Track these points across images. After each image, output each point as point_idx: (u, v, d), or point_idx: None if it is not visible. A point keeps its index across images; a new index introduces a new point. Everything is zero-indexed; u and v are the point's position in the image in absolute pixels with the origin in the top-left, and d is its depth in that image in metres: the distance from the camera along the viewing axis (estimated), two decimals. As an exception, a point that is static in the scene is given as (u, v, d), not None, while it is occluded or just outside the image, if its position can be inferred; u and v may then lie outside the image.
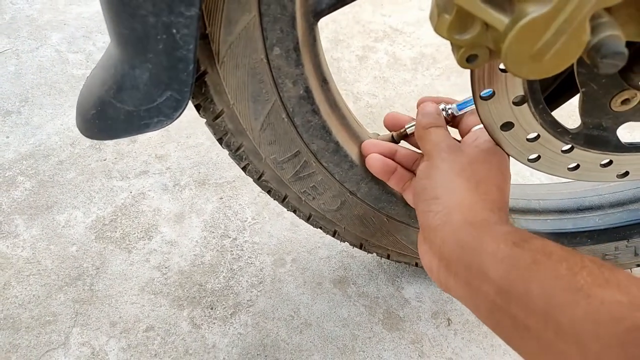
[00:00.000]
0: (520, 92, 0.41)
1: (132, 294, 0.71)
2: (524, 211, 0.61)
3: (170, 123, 0.38)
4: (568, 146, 0.45)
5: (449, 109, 0.52)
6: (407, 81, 1.08)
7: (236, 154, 0.50)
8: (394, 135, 0.55)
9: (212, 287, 0.72)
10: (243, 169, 0.52)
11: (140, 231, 0.78)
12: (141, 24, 0.34)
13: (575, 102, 0.44)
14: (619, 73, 0.38)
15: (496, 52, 0.32)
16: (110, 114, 0.39)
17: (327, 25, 1.21)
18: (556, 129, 0.43)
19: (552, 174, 0.48)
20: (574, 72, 0.40)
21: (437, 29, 0.32)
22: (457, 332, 0.69)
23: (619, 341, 0.28)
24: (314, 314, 0.70)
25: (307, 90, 0.44)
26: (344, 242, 0.63)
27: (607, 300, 0.30)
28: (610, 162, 0.46)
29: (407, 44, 1.18)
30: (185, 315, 0.69)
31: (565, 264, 0.33)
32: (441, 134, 0.48)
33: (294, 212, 0.58)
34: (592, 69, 0.38)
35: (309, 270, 0.75)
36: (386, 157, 0.52)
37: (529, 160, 0.47)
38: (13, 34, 1.14)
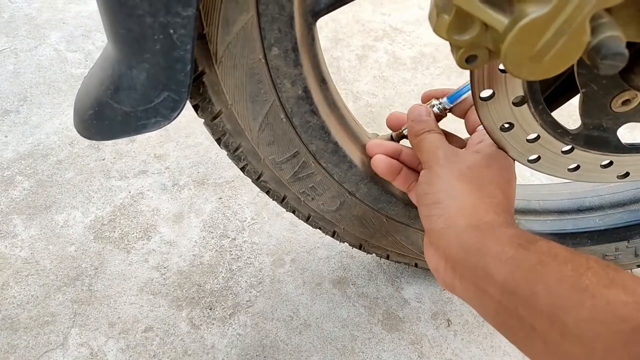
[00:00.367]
0: (520, 92, 0.41)
1: (131, 294, 0.71)
2: (524, 212, 0.61)
3: (168, 123, 0.38)
4: (568, 147, 0.45)
5: (439, 104, 0.51)
6: (407, 80, 1.08)
7: (235, 155, 0.49)
8: (393, 135, 0.54)
9: (211, 287, 0.72)
10: (242, 169, 0.52)
11: (139, 231, 0.78)
12: (138, 24, 0.33)
13: (575, 102, 0.44)
14: (619, 74, 0.38)
15: (496, 52, 0.32)
16: (107, 114, 0.38)
17: (327, 24, 1.20)
18: (556, 129, 0.43)
19: (553, 175, 0.48)
20: (574, 73, 0.39)
21: (436, 30, 0.32)
22: (457, 333, 0.69)
23: (624, 341, 0.28)
24: (313, 315, 0.70)
25: (306, 91, 0.44)
26: (343, 242, 0.63)
27: (612, 301, 0.30)
28: (611, 163, 0.46)
29: (406, 43, 1.18)
30: (184, 316, 0.69)
31: (570, 264, 0.33)
32: (434, 140, 0.48)
33: (293, 212, 0.58)
34: (593, 70, 0.38)
35: (308, 271, 0.75)
36: (391, 158, 0.51)
37: (529, 161, 0.46)
38: (12, 33, 1.13)
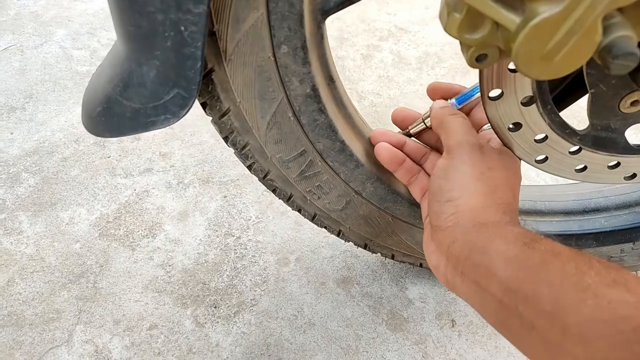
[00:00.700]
0: (529, 92, 0.41)
1: (136, 291, 0.71)
2: (530, 212, 0.61)
3: (177, 121, 0.38)
4: (576, 147, 0.44)
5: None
6: (412, 80, 1.08)
7: (242, 153, 0.50)
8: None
9: (216, 285, 0.72)
10: (248, 167, 0.52)
11: (144, 229, 0.78)
12: (149, 21, 0.33)
13: (582, 102, 0.44)
14: (628, 74, 0.38)
15: (506, 52, 0.32)
16: (116, 111, 0.39)
17: (332, 24, 1.20)
18: (564, 130, 0.43)
19: (559, 176, 0.48)
20: (583, 73, 0.39)
21: (447, 28, 0.32)
22: (462, 333, 0.69)
23: (626, 340, 0.28)
24: (317, 314, 0.70)
25: (314, 89, 0.44)
26: (348, 241, 0.63)
27: (614, 300, 0.30)
28: (618, 164, 0.46)
29: (412, 43, 1.17)
30: (189, 314, 0.69)
31: (573, 263, 0.33)
32: (465, 126, 0.46)
33: (299, 211, 0.58)
34: (602, 70, 0.38)
35: (313, 270, 0.75)
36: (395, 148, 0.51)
37: (536, 161, 0.46)
38: (17, 30, 1.14)
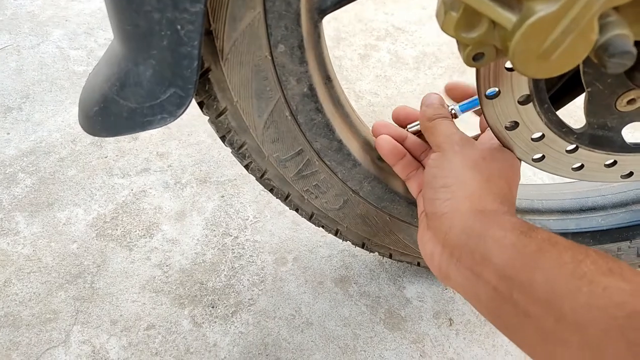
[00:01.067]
0: (526, 91, 0.41)
1: (133, 292, 0.71)
2: (527, 211, 0.61)
3: (174, 120, 0.38)
4: (573, 146, 0.45)
5: (451, 109, 0.51)
6: (409, 80, 1.08)
7: (239, 152, 0.49)
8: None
9: (214, 285, 0.72)
10: (245, 167, 0.52)
11: (142, 229, 0.78)
12: (145, 20, 0.33)
13: (578, 101, 0.44)
14: (625, 73, 0.38)
15: (503, 50, 0.32)
16: (113, 110, 0.38)
17: (329, 23, 1.20)
18: (561, 128, 0.43)
19: (556, 174, 0.48)
20: (580, 72, 0.39)
21: (443, 27, 0.32)
22: (459, 332, 0.69)
23: (619, 326, 0.28)
24: (315, 313, 0.70)
25: (311, 88, 0.44)
26: (346, 241, 0.63)
27: (609, 287, 0.30)
28: (615, 163, 0.46)
29: (409, 42, 1.18)
30: (187, 314, 0.69)
31: (570, 252, 0.33)
32: (450, 125, 0.47)
33: (296, 210, 0.58)
34: (599, 69, 0.38)
35: (311, 269, 0.75)
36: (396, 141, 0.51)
37: (533, 160, 0.46)
38: (14, 30, 1.13)
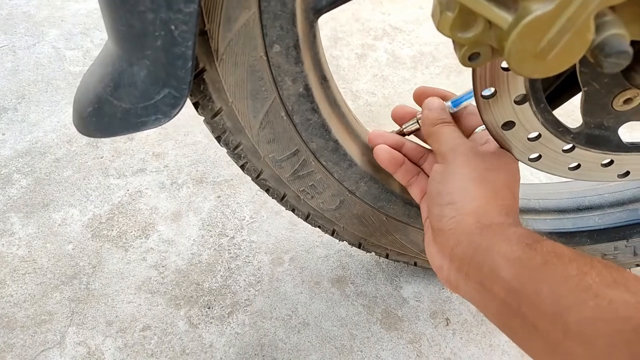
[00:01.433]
0: (522, 91, 0.41)
1: (129, 293, 0.70)
2: (524, 211, 0.61)
3: (168, 121, 0.38)
4: (569, 145, 0.44)
5: None
6: (407, 80, 1.08)
7: (234, 152, 0.49)
8: (395, 132, 0.54)
9: (210, 286, 0.72)
10: (241, 167, 0.51)
11: (137, 229, 0.78)
12: (139, 20, 0.33)
13: (575, 101, 0.44)
14: (621, 72, 0.38)
15: (499, 50, 0.31)
16: (107, 111, 0.38)
17: (327, 23, 1.20)
18: (557, 128, 0.43)
19: (553, 174, 0.48)
20: (576, 71, 0.39)
21: (439, 27, 0.32)
22: (456, 332, 0.69)
23: (626, 340, 0.28)
24: (312, 314, 0.70)
25: (307, 88, 0.43)
26: (343, 241, 0.63)
27: (614, 300, 0.30)
28: (612, 162, 0.46)
29: (406, 42, 1.17)
30: (182, 315, 0.68)
31: (575, 264, 0.33)
32: (454, 133, 0.47)
33: (293, 211, 0.57)
34: (595, 68, 0.38)
35: (307, 270, 0.74)
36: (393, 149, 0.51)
37: (529, 159, 0.46)
38: (10, 30, 1.13)
